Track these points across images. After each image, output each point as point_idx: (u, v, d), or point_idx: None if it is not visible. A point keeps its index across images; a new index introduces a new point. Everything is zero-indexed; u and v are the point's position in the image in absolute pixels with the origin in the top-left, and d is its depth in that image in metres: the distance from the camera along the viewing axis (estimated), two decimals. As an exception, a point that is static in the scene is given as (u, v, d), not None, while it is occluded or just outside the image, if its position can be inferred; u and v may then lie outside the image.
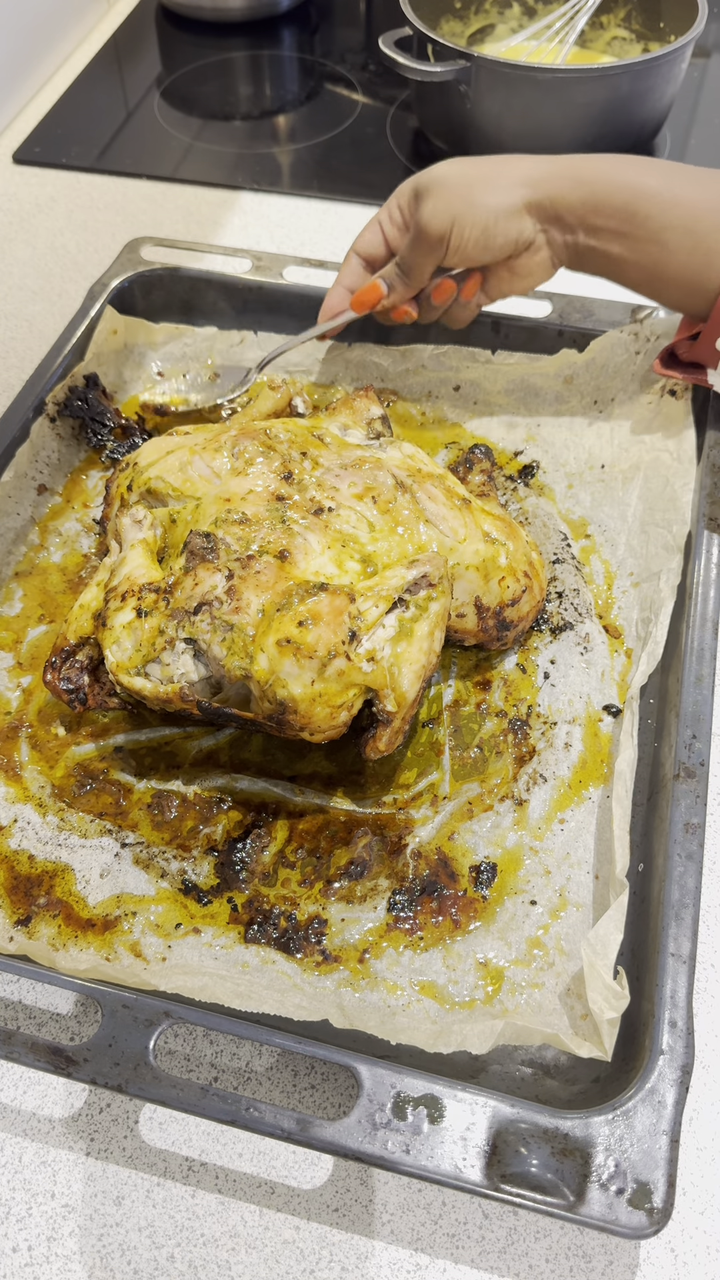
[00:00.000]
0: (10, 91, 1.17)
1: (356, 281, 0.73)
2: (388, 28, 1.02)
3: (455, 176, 0.66)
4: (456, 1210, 0.50)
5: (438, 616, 0.57)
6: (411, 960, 0.55)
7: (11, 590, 0.71)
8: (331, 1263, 0.48)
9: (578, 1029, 0.51)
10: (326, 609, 0.54)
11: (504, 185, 0.65)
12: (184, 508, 0.62)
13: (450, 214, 0.65)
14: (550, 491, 0.76)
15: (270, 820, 0.60)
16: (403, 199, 0.69)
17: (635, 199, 0.63)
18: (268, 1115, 0.45)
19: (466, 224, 0.65)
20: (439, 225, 0.65)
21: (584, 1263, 0.48)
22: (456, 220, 0.65)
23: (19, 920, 0.56)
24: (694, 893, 0.51)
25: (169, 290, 0.84)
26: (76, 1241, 0.49)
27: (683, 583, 0.65)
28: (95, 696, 0.61)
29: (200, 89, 1.22)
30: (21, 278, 0.98)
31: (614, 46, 1.14)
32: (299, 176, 1.09)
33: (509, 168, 0.66)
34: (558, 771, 0.61)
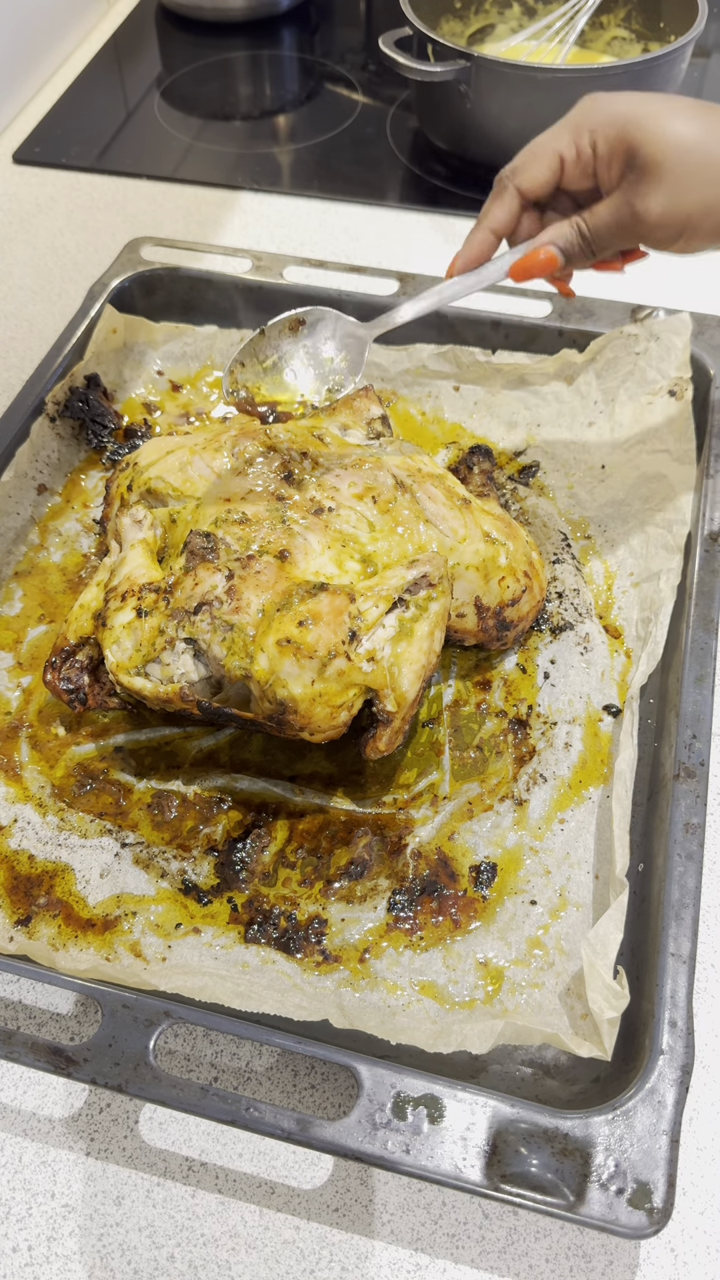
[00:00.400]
0: (10, 91, 1.17)
1: (507, 224, 0.60)
2: (388, 28, 1.02)
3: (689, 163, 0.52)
4: (456, 1210, 0.50)
5: (438, 616, 0.57)
6: (411, 960, 0.55)
7: (11, 590, 0.71)
8: (331, 1263, 0.48)
9: (578, 1029, 0.51)
10: (326, 609, 0.54)
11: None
12: (184, 508, 0.62)
13: (684, 213, 0.54)
14: (550, 491, 0.76)
15: (270, 820, 0.60)
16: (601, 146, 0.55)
17: None
18: (268, 1115, 0.45)
19: (702, 231, 0.54)
20: (668, 229, 0.54)
21: (584, 1263, 0.48)
22: (689, 224, 0.54)
23: (19, 920, 0.56)
24: (694, 893, 0.51)
25: (169, 290, 0.84)
26: (76, 1241, 0.49)
27: (683, 583, 0.65)
28: (95, 696, 0.61)
29: (200, 89, 1.22)
30: (21, 278, 0.98)
31: (614, 46, 1.14)
32: (299, 176, 1.09)
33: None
34: (558, 771, 0.61)
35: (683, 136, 0.52)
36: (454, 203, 1.05)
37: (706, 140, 0.52)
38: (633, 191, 0.54)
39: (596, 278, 0.70)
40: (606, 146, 0.55)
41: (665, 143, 0.52)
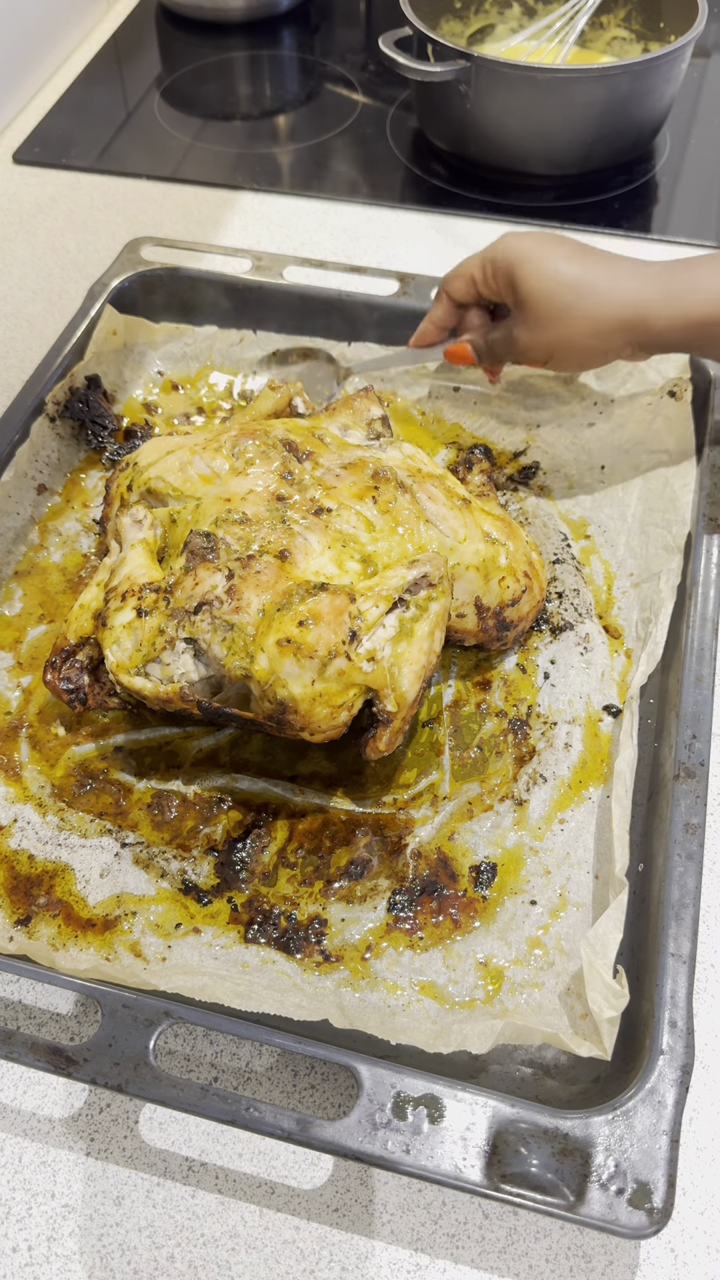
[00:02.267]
0: (10, 91, 1.17)
1: (448, 321, 0.73)
2: (388, 28, 1.02)
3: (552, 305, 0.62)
4: (456, 1210, 0.50)
5: (438, 616, 0.57)
6: (411, 960, 0.55)
7: (11, 590, 0.71)
8: (331, 1263, 0.48)
9: (578, 1028, 0.51)
10: (327, 609, 0.54)
11: (604, 330, 0.62)
12: (184, 508, 0.62)
13: (547, 349, 0.65)
14: (550, 492, 0.76)
15: (270, 820, 0.60)
16: (498, 280, 0.66)
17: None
18: (268, 1115, 0.45)
19: (563, 360, 0.66)
20: (535, 355, 0.66)
21: (584, 1263, 0.48)
22: (553, 355, 0.66)
23: (19, 920, 0.56)
24: (694, 893, 0.51)
25: (169, 290, 0.84)
26: (76, 1241, 0.49)
27: (683, 583, 0.65)
28: (95, 696, 0.61)
29: (200, 89, 1.22)
30: (21, 278, 0.98)
31: (614, 46, 1.14)
32: (299, 176, 1.09)
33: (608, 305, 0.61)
34: (558, 771, 0.61)
35: (549, 278, 0.62)
36: (454, 203, 1.05)
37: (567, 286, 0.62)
38: (514, 322, 0.66)
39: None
40: (501, 279, 0.66)
41: (535, 285, 0.62)
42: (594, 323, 0.62)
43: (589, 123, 0.98)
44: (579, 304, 0.62)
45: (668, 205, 1.04)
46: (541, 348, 0.65)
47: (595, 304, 0.61)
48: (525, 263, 0.63)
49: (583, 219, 1.02)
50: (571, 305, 0.62)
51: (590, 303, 0.62)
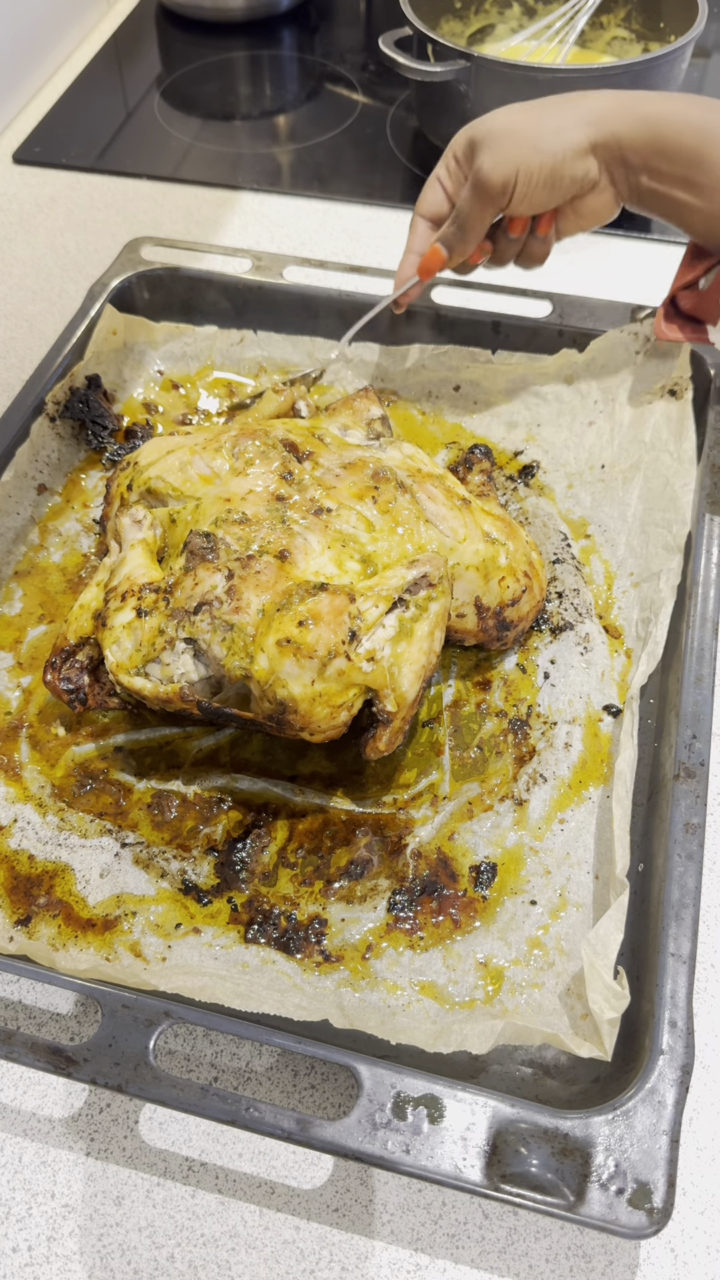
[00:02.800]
0: (10, 91, 1.17)
1: (425, 245, 0.71)
2: (388, 28, 1.02)
3: (515, 123, 0.63)
4: (456, 1210, 0.50)
5: (438, 616, 0.57)
6: (411, 960, 0.55)
7: (11, 590, 0.71)
8: (331, 1263, 0.48)
9: (578, 1029, 0.51)
10: (326, 609, 0.54)
11: (568, 124, 0.62)
12: (184, 508, 0.62)
13: (514, 162, 0.62)
14: (550, 491, 0.76)
15: (270, 820, 0.60)
16: (458, 151, 0.67)
17: (703, 143, 0.60)
18: (268, 1115, 0.45)
19: (533, 169, 0.63)
20: (502, 175, 0.63)
21: (584, 1263, 0.48)
22: (521, 168, 0.63)
23: (19, 920, 0.56)
24: (694, 893, 0.51)
25: (169, 290, 0.84)
26: (76, 1241, 0.49)
27: (683, 582, 0.65)
28: (95, 696, 0.61)
29: (200, 89, 1.22)
30: (21, 278, 0.98)
31: (614, 46, 1.14)
32: (299, 176, 1.09)
33: (572, 106, 0.63)
34: (558, 771, 0.61)
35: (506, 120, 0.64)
36: (454, 203, 1.05)
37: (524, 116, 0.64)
38: (473, 166, 0.65)
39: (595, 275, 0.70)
40: (461, 152, 0.67)
41: (491, 125, 0.64)
42: (557, 121, 0.62)
43: (589, 122, 0.98)
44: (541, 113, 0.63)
45: (668, 205, 1.04)
46: (507, 165, 0.63)
47: (557, 108, 0.63)
48: (479, 122, 0.65)
49: (583, 219, 1.01)
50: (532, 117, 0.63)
51: (551, 109, 0.63)
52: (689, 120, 0.60)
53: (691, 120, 0.60)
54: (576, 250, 0.98)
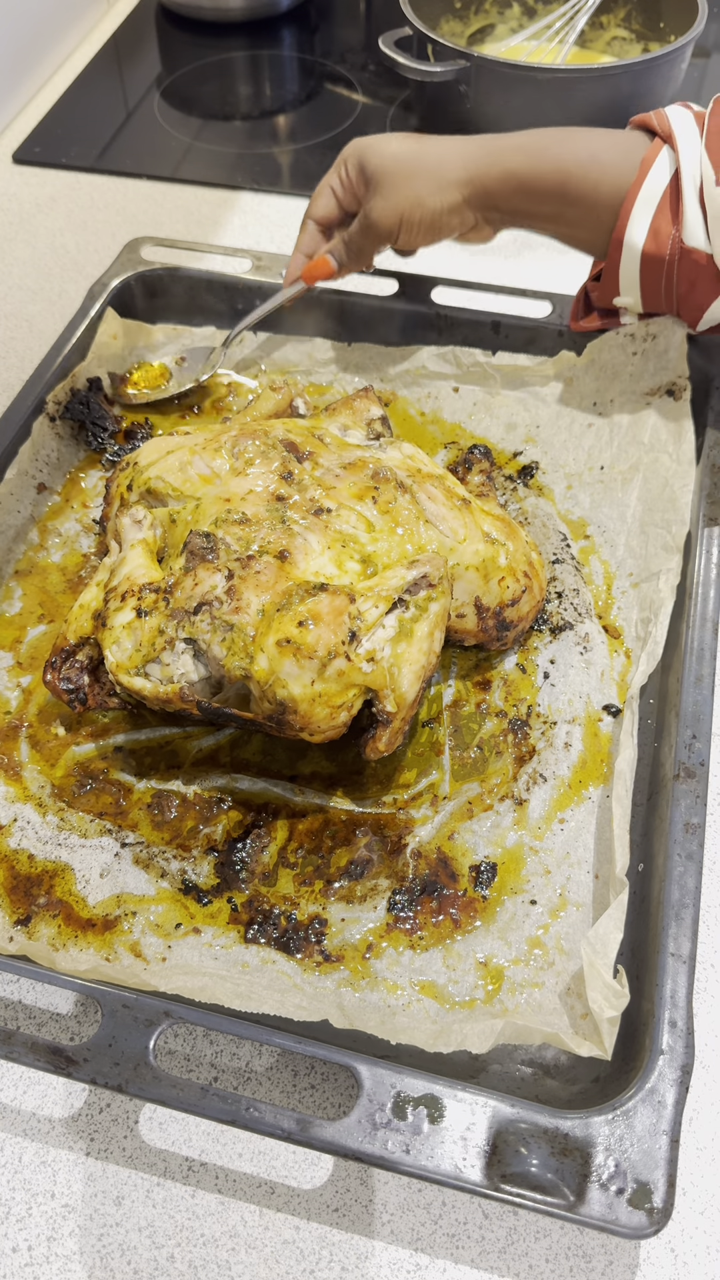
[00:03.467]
0: (10, 91, 1.17)
1: (314, 247, 0.76)
2: (388, 28, 1.02)
3: (402, 169, 0.68)
4: (456, 1210, 0.50)
5: (437, 617, 0.57)
6: (411, 960, 0.55)
7: (11, 590, 0.71)
8: (331, 1263, 0.48)
9: (578, 1028, 0.51)
10: (326, 609, 0.54)
11: (444, 184, 0.68)
12: (184, 508, 0.62)
13: (398, 212, 0.69)
14: (550, 492, 0.76)
15: (270, 820, 0.60)
16: (351, 171, 0.72)
17: (564, 181, 0.66)
18: (268, 1115, 0.45)
19: (414, 222, 0.70)
20: (388, 222, 0.70)
21: (584, 1263, 0.48)
22: (404, 218, 0.69)
23: (19, 920, 0.56)
24: (694, 893, 0.51)
25: (169, 290, 0.84)
26: (76, 1241, 0.49)
27: (682, 583, 0.65)
28: (95, 696, 0.61)
29: (200, 89, 1.22)
30: (21, 278, 0.98)
31: (614, 46, 1.14)
32: (299, 176, 1.09)
33: (447, 163, 0.68)
34: (558, 771, 0.61)
35: (394, 153, 0.69)
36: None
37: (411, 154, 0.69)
38: (366, 200, 0.71)
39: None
40: (354, 171, 0.71)
41: (382, 159, 0.69)
42: (438, 177, 0.68)
43: (589, 123, 0.97)
44: (423, 162, 0.68)
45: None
46: (393, 213, 0.69)
47: (436, 163, 0.68)
48: (370, 146, 0.70)
49: (583, 219, 1.01)
50: (417, 165, 0.68)
51: (431, 162, 0.68)
52: (550, 164, 0.66)
53: (551, 163, 0.66)
54: (576, 250, 0.98)
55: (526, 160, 0.66)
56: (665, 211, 0.64)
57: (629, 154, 0.65)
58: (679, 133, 0.63)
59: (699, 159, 0.62)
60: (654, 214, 0.64)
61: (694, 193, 0.62)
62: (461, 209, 0.69)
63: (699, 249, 0.63)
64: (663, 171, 0.63)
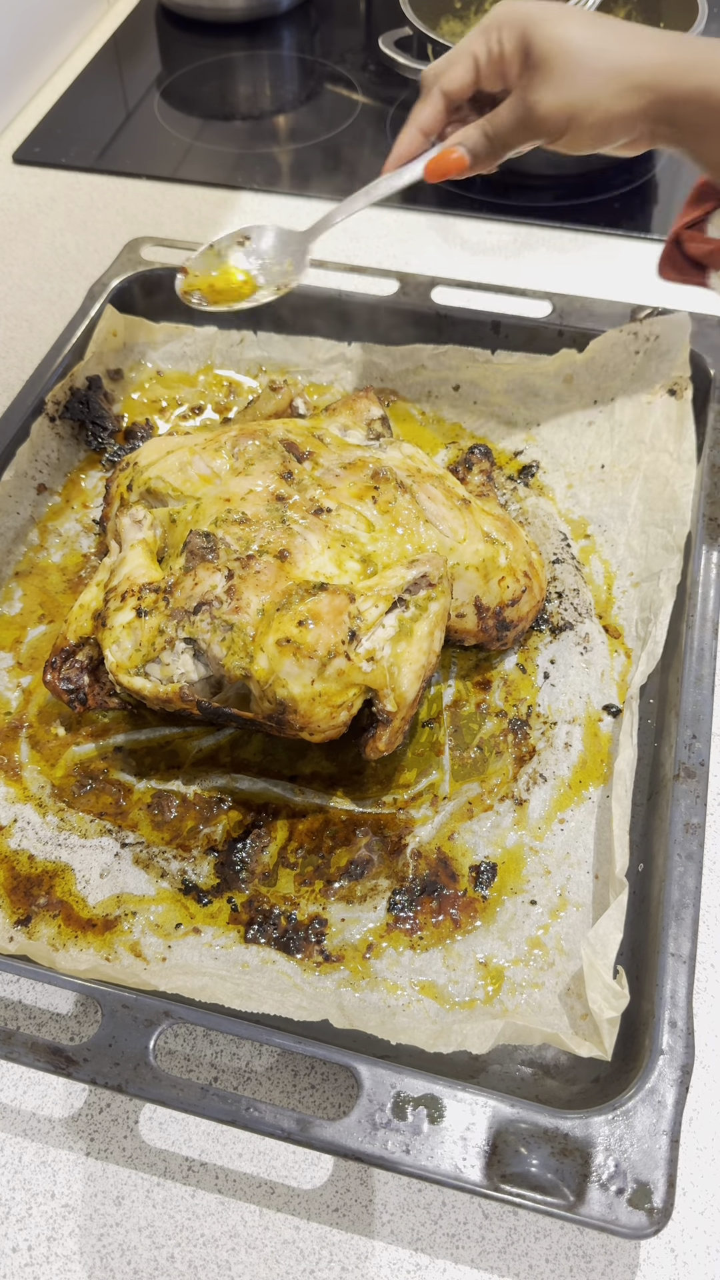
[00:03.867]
0: (10, 91, 1.17)
1: (436, 124, 0.65)
2: (388, 28, 1.02)
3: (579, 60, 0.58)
4: (456, 1210, 0.50)
5: (437, 616, 0.57)
6: (411, 960, 0.55)
7: (11, 590, 0.71)
8: (331, 1263, 0.48)
9: (578, 1028, 0.51)
10: (326, 609, 0.54)
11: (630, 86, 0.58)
12: (184, 508, 0.62)
13: (569, 110, 0.59)
14: (550, 491, 0.76)
15: (270, 820, 0.60)
16: (507, 43, 0.60)
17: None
18: (268, 1115, 0.45)
19: (586, 124, 0.59)
20: (557, 120, 0.59)
21: (584, 1263, 0.48)
22: (574, 118, 0.59)
23: (19, 920, 0.56)
24: (694, 893, 0.51)
25: (169, 290, 0.84)
26: (76, 1241, 0.49)
27: (682, 583, 0.65)
28: (95, 696, 0.61)
29: (200, 89, 1.22)
30: (21, 278, 0.98)
31: (614, 46, 1.14)
32: (299, 176, 1.09)
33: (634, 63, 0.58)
34: (558, 771, 0.61)
35: (573, 36, 0.57)
36: (454, 203, 1.05)
37: (593, 40, 0.57)
38: (527, 86, 0.59)
39: (595, 275, 0.70)
40: (510, 44, 0.59)
41: (556, 40, 0.57)
42: (619, 76, 0.58)
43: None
44: (604, 55, 0.58)
45: (668, 205, 1.04)
46: (562, 110, 0.59)
47: (619, 57, 0.58)
48: (542, 21, 0.59)
49: (583, 219, 1.02)
50: (599, 57, 0.58)
51: (614, 56, 0.58)
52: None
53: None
54: (576, 250, 0.98)
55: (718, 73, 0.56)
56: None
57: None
58: None
59: None
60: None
61: None
62: (636, 118, 0.59)
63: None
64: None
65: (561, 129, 0.59)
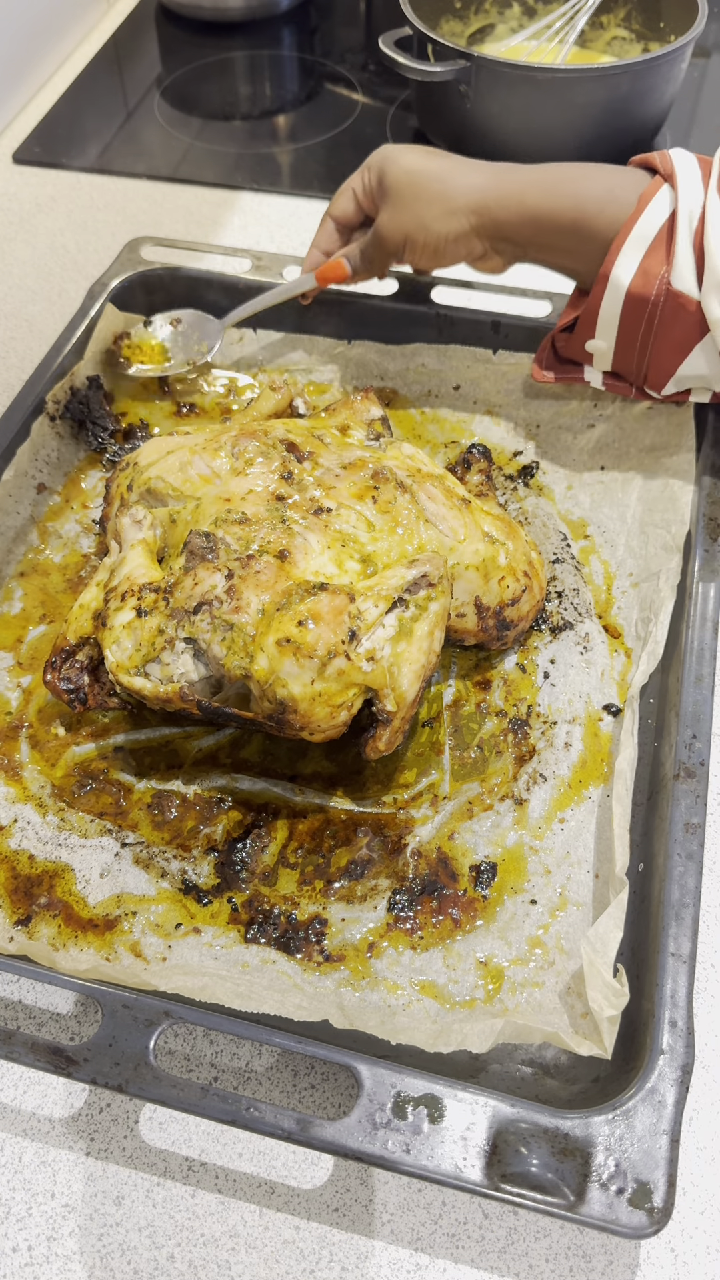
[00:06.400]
0: (10, 91, 1.17)
1: (330, 246, 0.76)
2: (388, 28, 1.02)
3: (410, 188, 0.68)
4: (456, 1210, 0.50)
5: (437, 616, 0.57)
6: (412, 960, 0.55)
7: (11, 590, 0.71)
8: (331, 1263, 0.48)
9: (578, 1027, 0.51)
10: (326, 609, 0.54)
11: (452, 210, 0.67)
12: (184, 508, 0.62)
13: (403, 231, 0.69)
14: (550, 491, 0.76)
15: (270, 820, 0.60)
16: (372, 178, 0.71)
17: (580, 217, 0.64)
18: (268, 1115, 0.45)
19: (418, 243, 0.69)
20: (394, 239, 0.70)
21: (584, 1263, 0.48)
22: (409, 238, 0.69)
23: (19, 920, 0.56)
24: (694, 893, 0.51)
25: (169, 290, 0.84)
26: (76, 1241, 0.49)
27: (682, 582, 0.65)
28: (95, 696, 0.61)
29: (200, 89, 1.22)
30: (21, 278, 0.98)
31: (614, 46, 1.14)
32: (299, 176, 1.09)
33: (457, 190, 0.67)
34: (558, 771, 0.61)
35: (412, 168, 0.68)
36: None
37: (426, 172, 0.68)
38: (379, 212, 0.70)
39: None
40: (373, 178, 0.71)
41: (399, 172, 0.68)
42: (446, 202, 0.67)
43: (589, 123, 0.98)
44: (432, 186, 0.67)
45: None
46: (400, 230, 0.69)
47: (447, 187, 0.67)
48: (392, 157, 0.69)
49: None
50: (426, 187, 0.67)
51: (442, 186, 0.67)
52: (566, 199, 0.64)
53: (564, 197, 0.65)
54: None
55: (542, 194, 0.65)
56: (658, 251, 0.61)
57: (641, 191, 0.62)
58: (680, 172, 0.61)
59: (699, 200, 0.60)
60: (645, 253, 0.61)
61: (688, 234, 0.60)
62: (469, 237, 0.68)
63: (686, 293, 0.61)
64: (660, 210, 0.61)
65: (399, 246, 0.70)
